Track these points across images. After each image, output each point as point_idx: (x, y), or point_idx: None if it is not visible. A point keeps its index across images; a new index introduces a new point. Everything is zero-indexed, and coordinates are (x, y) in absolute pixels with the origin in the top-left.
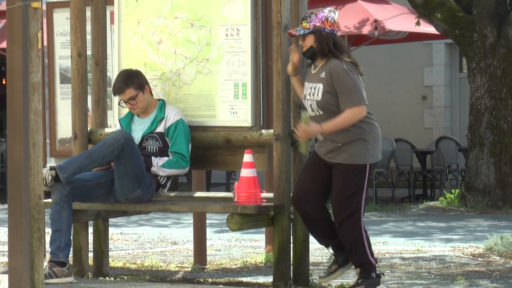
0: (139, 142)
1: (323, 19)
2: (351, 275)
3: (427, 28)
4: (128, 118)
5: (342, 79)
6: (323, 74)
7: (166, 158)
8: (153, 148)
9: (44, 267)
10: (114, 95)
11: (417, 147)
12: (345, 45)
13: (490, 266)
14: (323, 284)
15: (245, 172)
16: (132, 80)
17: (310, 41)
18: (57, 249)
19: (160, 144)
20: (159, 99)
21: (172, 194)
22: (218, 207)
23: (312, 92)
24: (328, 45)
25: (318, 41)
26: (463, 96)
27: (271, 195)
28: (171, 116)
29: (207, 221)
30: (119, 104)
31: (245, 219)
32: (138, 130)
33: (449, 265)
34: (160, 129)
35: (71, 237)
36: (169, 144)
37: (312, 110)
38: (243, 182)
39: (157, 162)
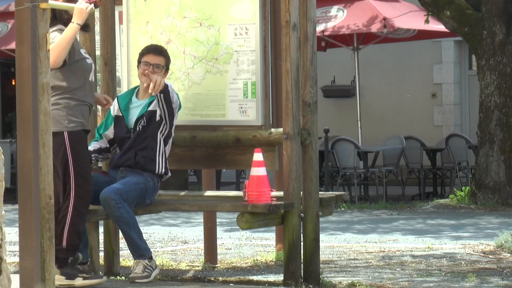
0: (133, 125)
1: None
2: (361, 273)
3: (436, 26)
4: (127, 99)
5: None
6: None
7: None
8: (138, 127)
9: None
10: (147, 52)
11: (427, 145)
12: None
13: (501, 263)
14: (333, 282)
15: (255, 171)
16: (168, 56)
17: None
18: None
19: (144, 123)
20: None
21: (182, 193)
22: (228, 206)
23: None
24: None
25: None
26: (472, 93)
27: (281, 193)
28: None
29: (217, 220)
30: (139, 62)
31: (255, 217)
32: (133, 112)
33: (459, 263)
34: (150, 108)
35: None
36: (156, 120)
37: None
38: (253, 181)
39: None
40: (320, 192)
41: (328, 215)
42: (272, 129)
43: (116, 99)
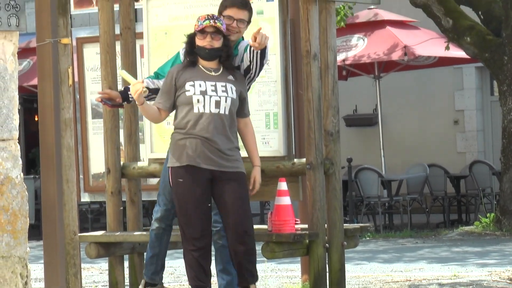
0: None
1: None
2: None
3: (457, 52)
4: None
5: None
6: (231, 77)
7: None
8: None
9: None
10: (232, 5)
11: (451, 172)
12: None
13: None
14: None
15: (280, 200)
16: (251, 9)
17: (219, 42)
18: (153, 273)
19: None
20: None
21: None
22: None
23: (222, 90)
24: (230, 52)
25: (227, 45)
26: (495, 119)
27: (305, 226)
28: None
29: None
30: (220, 14)
31: (280, 247)
32: None
33: None
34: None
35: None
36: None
37: (217, 107)
38: (278, 210)
39: None
40: (344, 224)
41: (353, 247)
42: (295, 160)
43: None
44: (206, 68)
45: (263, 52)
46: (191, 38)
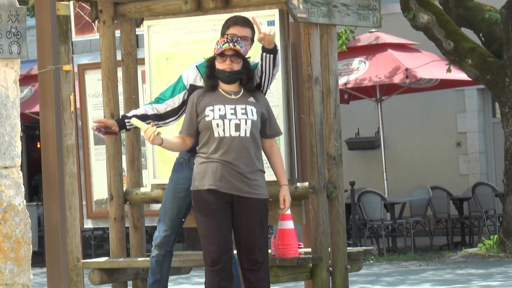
0: None
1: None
2: None
3: (459, 74)
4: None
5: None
6: (251, 99)
7: None
8: None
9: None
10: (235, 24)
11: (454, 194)
12: None
13: None
14: None
15: (283, 225)
16: (253, 27)
17: (239, 65)
18: None
19: None
20: None
21: None
22: None
23: (242, 112)
24: (251, 75)
25: (247, 68)
26: (497, 141)
27: (308, 250)
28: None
29: None
30: (223, 35)
31: (283, 271)
32: None
33: None
34: None
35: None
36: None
37: (237, 130)
38: (281, 234)
39: None
40: (348, 248)
41: (356, 270)
42: (298, 184)
43: (194, 67)
44: (226, 91)
45: (275, 58)
46: (211, 62)
